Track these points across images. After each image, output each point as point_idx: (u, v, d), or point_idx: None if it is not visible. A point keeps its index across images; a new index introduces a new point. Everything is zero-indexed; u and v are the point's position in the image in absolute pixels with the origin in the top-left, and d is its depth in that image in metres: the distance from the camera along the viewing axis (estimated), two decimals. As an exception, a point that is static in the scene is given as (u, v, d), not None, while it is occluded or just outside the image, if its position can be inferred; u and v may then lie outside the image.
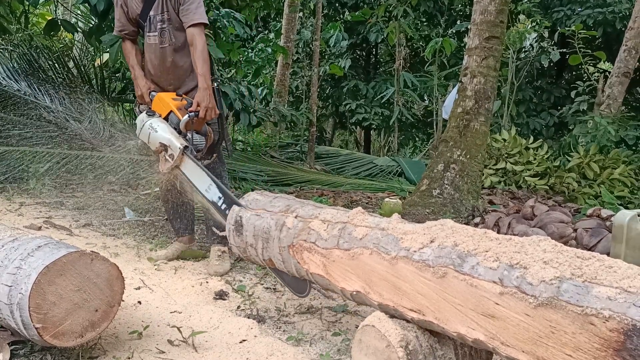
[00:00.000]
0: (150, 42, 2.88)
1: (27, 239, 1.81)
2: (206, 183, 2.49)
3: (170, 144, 2.60)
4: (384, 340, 1.48)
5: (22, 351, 1.78)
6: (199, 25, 2.77)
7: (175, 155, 2.58)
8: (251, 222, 2.15)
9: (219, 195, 2.43)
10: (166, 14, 2.82)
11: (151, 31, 2.86)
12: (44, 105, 6.23)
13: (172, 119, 2.71)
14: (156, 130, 2.66)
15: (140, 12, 2.86)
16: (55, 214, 3.76)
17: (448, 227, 1.52)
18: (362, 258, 1.67)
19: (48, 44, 7.94)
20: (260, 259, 2.14)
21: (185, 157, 2.58)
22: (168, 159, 2.62)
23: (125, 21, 2.92)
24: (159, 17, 2.83)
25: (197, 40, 2.75)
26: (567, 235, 3.47)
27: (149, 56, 2.91)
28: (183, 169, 2.60)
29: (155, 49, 2.86)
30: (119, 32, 2.97)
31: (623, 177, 6.22)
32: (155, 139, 2.65)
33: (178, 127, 2.67)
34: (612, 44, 9.50)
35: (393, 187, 6.36)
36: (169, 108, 2.73)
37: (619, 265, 1.18)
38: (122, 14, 2.92)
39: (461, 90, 5.08)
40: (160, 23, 2.83)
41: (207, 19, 2.85)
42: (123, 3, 2.90)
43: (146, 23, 2.86)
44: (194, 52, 2.75)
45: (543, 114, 10.19)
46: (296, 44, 10.89)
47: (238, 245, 2.23)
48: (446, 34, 10.31)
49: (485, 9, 4.91)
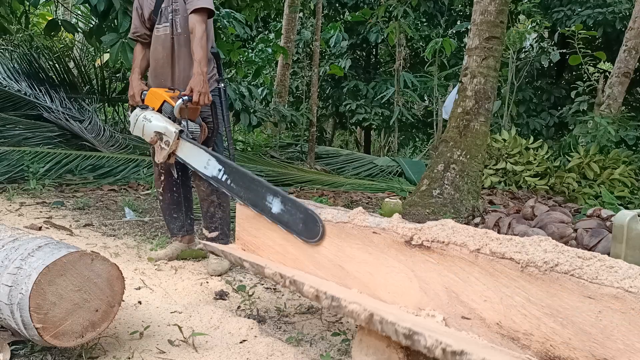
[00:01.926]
0: (159, 33, 2.88)
1: (28, 239, 1.81)
2: (204, 159, 2.46)
3: (165, 131, 2.61)
4: (385, 340, 1.48)
5: (23, 351, 1.78)
6: (201, 11, 2.75)
7: (170, 141, 2.58)
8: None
9: (218, 167, 2.38)
10: (175, 4, 2.83)
11: (161, 23, 2.88)
12: (45, 106, 6.24)
13: (165, 108, 2.71)
14: (150, 121, 2.67)
15: (153, 7, 2.89)
16: (56, 214, 3.77)
17: (449, 228, 1.52)
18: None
19: (48, 45, 7.96)
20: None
21: (181, 140, 2.57)
22: (164, 147, 2.62)
23: (139, 24, 2.95)
24: (169, 7, 2.85)
25: (197, 27, 2.73)
26: (568, 236, 3.46)
27: (154, 49, 2.91)
28: (179, 153, 2.60)
29: (165, 39, 2.86)
30: (133, 34, 3.01)
31: (623, 177, 6.22)
32: (149, 129, 2.66)
33: (172, 115, 2.67)
34: (612, 44, 9.50)
35: (393, 187, 6.36)
36: (162, 98, 2.73)
37: (619, 266, 1.18)
38: (137, 17, 2.96)
39: (461, 90, 5.08)
40: (171, 14, 2.84)
41: (212, 4, 2.80)
42: (138, 5, 2.94)
43: (157, 17, 2.88)
44: (192, 38, 2.73)
45: (543, 114, 10.20)
46: (296, 44, 10.90)
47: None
48: (446, 34, 10.32)
49: (485, 9, 4.91)
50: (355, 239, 1.75)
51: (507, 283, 1.31)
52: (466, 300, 1.41)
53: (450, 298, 1.45)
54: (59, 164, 4.92)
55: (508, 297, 1.31)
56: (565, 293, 1.20)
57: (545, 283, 1.24)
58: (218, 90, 2.91)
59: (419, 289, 1.54)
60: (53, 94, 6.48)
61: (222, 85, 2.92)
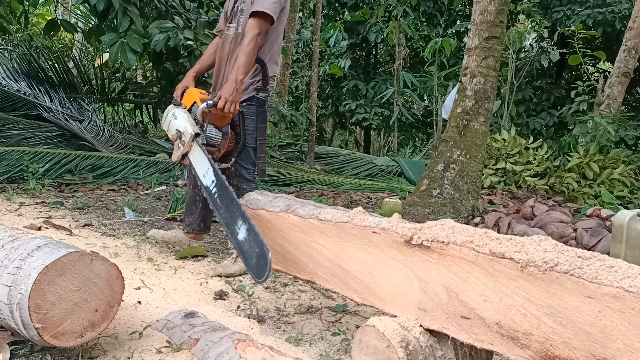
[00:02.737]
0: (227, 32, 2.89)
1: (27, 239, 1.81)
2: (205, 167, 2.45)
3: (184, 131, 2.58)
4: (384, 341, 1.48)
5: (22, 351, 1.78)
6: (258, 15, 2.67)
7: (186, 142, 2.55)
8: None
9: (212, 179, 2.39)
10: (244, 3, 2.82)
11: (232, 22, 2.88)
12: (44, 105, 6.23)
13: (194, 109, 2.69)
14: (176, 118, 2.66)
15: (231, 4, 2.91)
16: (55, 214, 3.76)
17: (448, 227, 1.52)
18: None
19: (48, 44, 7.95)
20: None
21: (195, 144, 2.54)
22: (180, 146, 2.61)
23: (222, 20, 3.00)
24: (240, 6, 2.85)
25: (250, 31, 2.66)
26: (567, 235, 3.47)
27: (221, 47, 2.91)
28: (190, 156, 2.58)
29: (229, 38, 2.87)
30: (216, 30, 3.12)
31: (623, 177, 6.22)
32: (173, 126, 2.66)
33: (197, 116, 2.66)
34: (611, 44, 9.51)
35: (393, 187, 6.36)
36: (194, 99, 2.71)
37: (619, 265, 1.18)
38: (222, 14, 3.03)
39: (461, 90, 5.08)
40: (239, 13, 2.84)
41: (274, 10, 2.71)
42: (226, 3, 2.99)
43: (231, 15, 2.90)
44: (241, 42, 2.70)
45: (543, 114, 10.20)
46: (296, 44, 10.90)
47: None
48: (446, 34, 10.31)
49: (485, 9, 4.91)
50: (355, 238, 1.75)
51: (507, 283, 1.31)
52: (466, 300, 1.41)
53: (450, 298, 1.45)
54: (58, 164, 4.91)
55: (508, 297, 1.31)
56: (565, 293, 1.20)
57: (545, 283, 1.24)
58: (257, 100, 2.81)
59: (419, 289, 1.54)
60: (52, 94, 6.48)
61: (262, 95, 2.81)
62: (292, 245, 2.04)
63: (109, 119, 7.70)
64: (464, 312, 1.42)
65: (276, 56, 2.91)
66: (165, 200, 4.55)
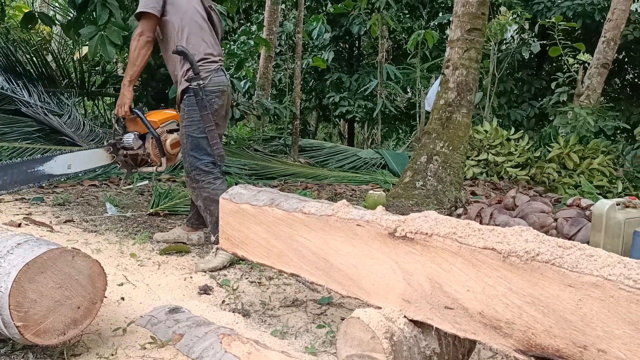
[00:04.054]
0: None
1: (7, 236, 1.78)
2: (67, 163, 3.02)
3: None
4: (369, 332, 1.49)
5: (3, 350, 1.76)
6: (137, 17, 2.74)
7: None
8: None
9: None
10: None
11: None
12: (22, 100, 6.11)
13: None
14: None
15: None
16: (35, 210, 3.71)
17: (432, 219, 1.53)
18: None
19: (25, 38, 7.79)
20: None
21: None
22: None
23: None
24: None
25: (134, 34, 2.75)
26: (548, 225, 3.52)
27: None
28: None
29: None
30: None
31: (602, 166, 6.32)
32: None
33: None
34: (591, 35, 9.62)
35: (377, 179, 6.38)
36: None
37: (599, 254, 1.20)
38: None
39: (443, 82, 5.11)
40: None
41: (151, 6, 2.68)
42: None
43: None
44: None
45: (524, 106, 10.31)
46: (279, 36, 10.82)
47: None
48: (428, 26, 10.35)
49: (466, 1, 4.93)
50: (340, 231, 1.75)
51: (490, 273, 1.33)
52: (449, 291, 1.42)
53: (434, 288, 1.46)
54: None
55: (490, 287, 1.32)
56: (546, 282, 1.22)
57: (526, 272, 1.25)
58: (192, 90, 2.76)
59: (403, 280, 1.55)
60: (31, 88, 6.35)
61: (195, 83, 2.75)
62: (276, 239, 2.03)
63: (89, 113, 7.57)
64: (448, 303, 1.43)
65: (197, 38, 2.79)
66: (147, 195, 4.50)
